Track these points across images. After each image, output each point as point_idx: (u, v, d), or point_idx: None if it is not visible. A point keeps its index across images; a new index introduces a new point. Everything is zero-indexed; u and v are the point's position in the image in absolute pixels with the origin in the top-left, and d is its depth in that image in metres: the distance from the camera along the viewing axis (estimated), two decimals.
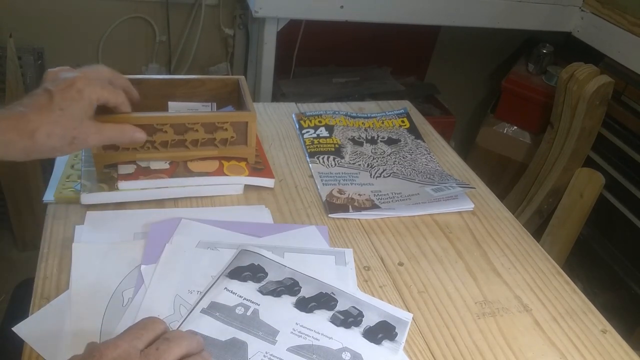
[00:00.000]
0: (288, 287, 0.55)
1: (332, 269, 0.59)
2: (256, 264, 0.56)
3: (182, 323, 0.49)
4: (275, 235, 0.63)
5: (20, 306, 0.87)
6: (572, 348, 0.55)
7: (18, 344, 0.47)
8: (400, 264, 0.62)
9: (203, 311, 0.51)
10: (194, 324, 0.49)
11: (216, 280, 0.54)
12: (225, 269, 0.56)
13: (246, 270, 0.55)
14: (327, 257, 0.61)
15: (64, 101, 0.53)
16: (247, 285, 0.54)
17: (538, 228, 1.50)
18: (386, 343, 0.51)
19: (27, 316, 0.50)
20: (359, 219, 0.68)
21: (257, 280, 0.55)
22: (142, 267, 0.55)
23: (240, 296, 0.53)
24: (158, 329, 0.41)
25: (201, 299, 0.52)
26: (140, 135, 0.61)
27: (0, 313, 0.89)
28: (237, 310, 0.51)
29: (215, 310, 0.51)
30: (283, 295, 0.54)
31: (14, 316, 0.85)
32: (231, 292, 0.53)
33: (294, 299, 0.54)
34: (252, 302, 0.52)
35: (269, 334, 0.50)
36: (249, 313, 0.51)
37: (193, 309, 0.50)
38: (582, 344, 0.55)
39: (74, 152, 0.66)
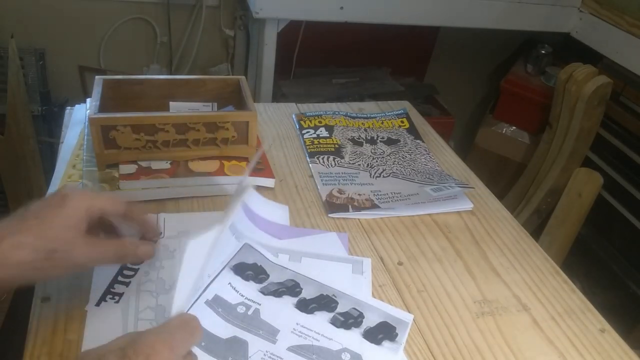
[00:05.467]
0: (289, 288, 0.55)
1: (348, 277, 0.59)
2: (259, 264, 0.57)
3: (187, 312, 0.49)
4: (295, 240, 0.62)
5: (21, 306, 0.87)
6: (571, 347, 0.55)
7: (20, 343, 0.48)
8: (400, 263, 0.63)
9: (207, 303, 0.50)
10: (199, 316, 0.49)
11: (220, 272, 0.54)
12: (230, 261, 0.56)
13: (249, 269, 0.56)
14: (344, 265, 0.60)
15: (42, 209, 0.44)
16: (249, 284, 0.54)
17: (537, 228, 1.50)
18: (386, 343, 0.51)
19: (28, 316, 0.50)
20: (358, 219, 0.69)
21: (259, 281, 0.55)
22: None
23: (242, 295, 0.53)
24: (197, 338, 0.39)
25: (206, 289, 0.52)
26: (146, 249, 0.50)
27: (1, 313, 0.90)
28: (238, 309, 0.51)
29: (218, 305, 0.51)
30: (284, 296, 0.54)
31: (15, 316, 0.85)
32: (234, 288, 0.53)
33: (295, 300, 0.54)
34: (254, 302, 0.53)
35: (270, 333, 0.50)
36: (250, 312, 0.51)
37: (197, 299, 0.50)
38: (581, 343, 0.56)
39: (56, 274, 0.47)
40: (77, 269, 0.47)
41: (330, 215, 0.68)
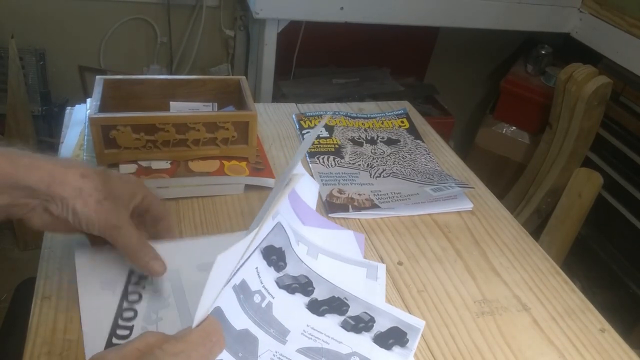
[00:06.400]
0: (302, 285, 0.54)
1: (362, 282, 0.59)
2: (283, 249, 0.55)
3: (220, 292, 0.48)
4: (314, 230, 0.62)
5: (21, 306, 0.87)
6: (571, 347, 0.55)
7: (20, 343, 0.48)
8: (400, 263, 0.63)
9: (234, 288, 0.50)
10: (224, 298, 0.47)
11: (253, 253, 0.52)
12: (262, 242, 0.54)
13: (274, 253, 0.55)
14: (359, 268, 0.60)
15: (108, 171, 0.49)
16: (269, 271, 0.53)
17: (537, 228, 1.50)
18: (397, 349, 0.51)
19: (29, 316, 0.50)
20: (358, 219, 0.69)
21: (278, 269, 0.54)
22: None
23: (262, 282, 0.52)
24: (218, 352, 0.39)
25: (236, 272, 0.51)
26: (158, 267, 0.51)
27: (1, 313, 0.90)
28: (254, 298, 0.51)
29: (241, 291, 0.50)
30: (296, 293, 0.54)
31: (15, 315, 0.85)
32: (258, 274, 0.52)
33: (306, 300, 0.53)
34: (269, 293, 0.52)
35: (280, 333, 0.50)
36: (263, 305, 0.51)
37: (228, 282, 0.50)
38: (581, 343, 0.56)
39: (85, 219, 0.47)
40: (103, 230, 0.48)
41: (330, 215, 0.68)
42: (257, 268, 0.52)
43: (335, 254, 0.60)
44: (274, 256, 0.54)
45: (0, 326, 0.84)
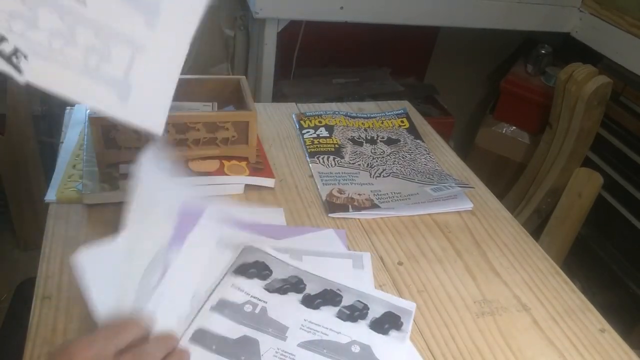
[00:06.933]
0: (293, 284, 0.55)
1: (350, 272, 0.59)
2: (261, 261, 0.57)
3: (192, 322, 0.49)
4: (294, 239, 0.63)
5: (21, 306, 0.87)
6: (571, 347, 0.55)
7: (20, 343, 0.48)
8: (400, 263, 0.63)
9: (212, 309, 0.51)
10: (205, 322, 0.49)
11: (223, 278, 0.54)
12: (231, 266, 0.56)
13: (252, 267, 0.56)
14: (344, 260, 0.61)
15: None
16: (254, 282, 0.55)
17: (537, 228, 1.50)
18: (393, 333, 0.52)
19: (29, 316, 0.50)
20: (358, 219, 0.69)
21: (263, 277, 0.55)
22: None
23: (248, 293, 0.53)
24: (137, 332, 0.41)
25: (209, 296, 0.52)
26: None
27: (1, 312, 0.90)
28: (245, 308, 0.52)
29: (224, 307, 0.51)
30: (289, 293, 0.54)
31: (15, 315, 0.85)
32: (238, 288, 0.53)
33: (300, 296, 0.54)
34: (260, 300, 0.53)
35: (279, 330, 0.51)
36: (257, 311, 0.52)
37: (202, 307, 0.51)
38: (581, 343, 0.56)
39: None
40: None
41: (330, 215, 0.68)
42: (233, 285, 0.54)
43: (318, 251, 0.61)
44: (252, 269, 0.56)
45: (0, 326, 0.84)
